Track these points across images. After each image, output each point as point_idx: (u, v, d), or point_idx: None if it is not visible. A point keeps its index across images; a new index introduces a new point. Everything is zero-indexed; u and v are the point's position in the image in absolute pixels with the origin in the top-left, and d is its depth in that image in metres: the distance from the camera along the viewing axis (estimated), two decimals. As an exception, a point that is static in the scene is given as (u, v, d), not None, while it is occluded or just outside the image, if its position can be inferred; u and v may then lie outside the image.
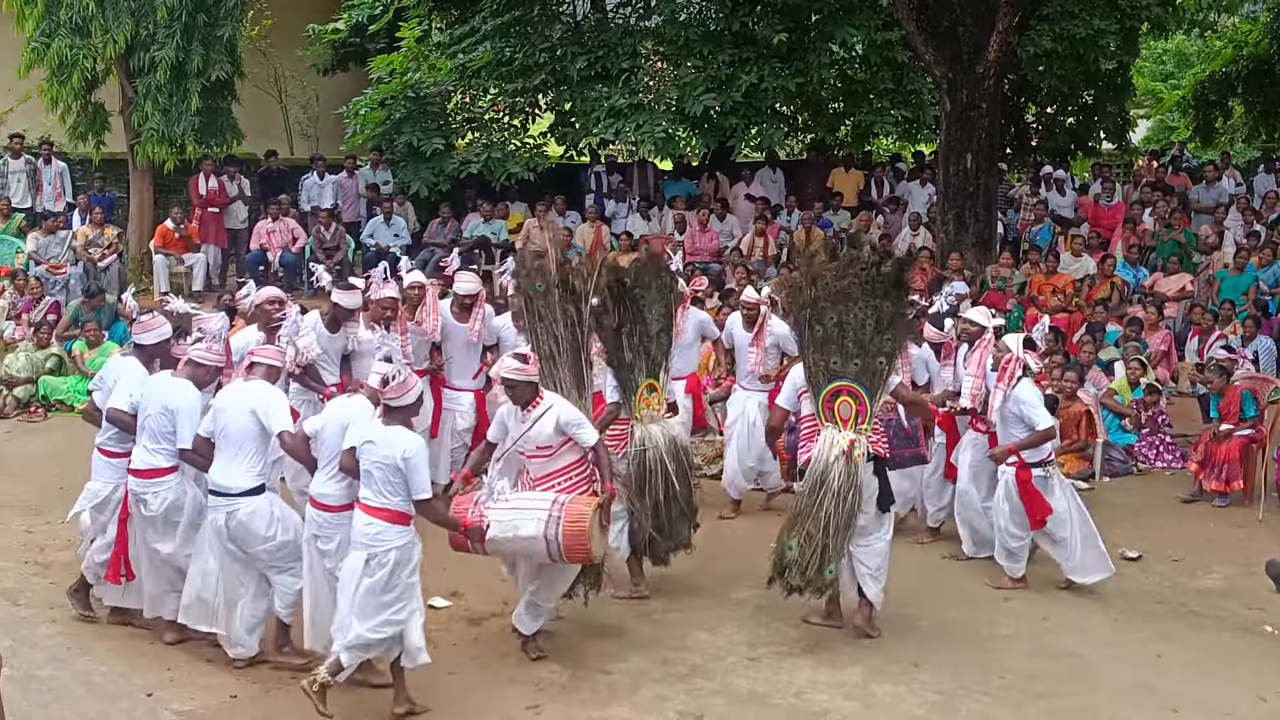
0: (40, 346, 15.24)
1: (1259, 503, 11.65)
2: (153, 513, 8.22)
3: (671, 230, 19.95)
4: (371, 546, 7.23)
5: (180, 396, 8.14)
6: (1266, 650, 8.70)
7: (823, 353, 8.50)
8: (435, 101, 20.61)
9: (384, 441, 7.27)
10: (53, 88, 18.34)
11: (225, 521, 7.93)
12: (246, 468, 7.94)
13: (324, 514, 7.67)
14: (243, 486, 7.92)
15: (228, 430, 7.93)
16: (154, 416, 8.17)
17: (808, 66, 20.03)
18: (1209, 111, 26.81)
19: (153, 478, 8.22)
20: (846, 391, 8.45)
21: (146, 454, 8.21)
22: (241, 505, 7.91)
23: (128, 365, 8.67)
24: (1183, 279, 17.02)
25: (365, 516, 7.28)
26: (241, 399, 7.99)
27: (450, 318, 11.05)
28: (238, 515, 7.90)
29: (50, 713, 7.48)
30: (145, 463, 8.22)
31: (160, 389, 8.25)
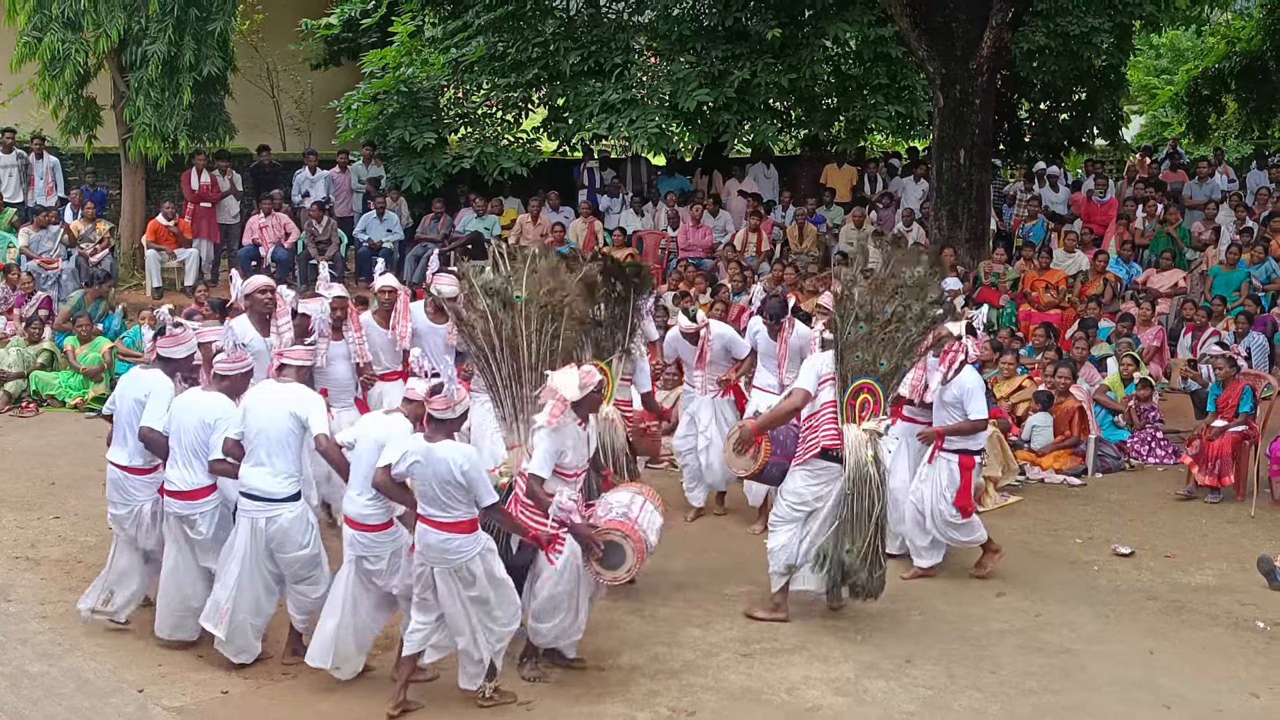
0: (32, 341, 15.23)
1: (1251, 499, 11.67)
2: (203, 535, 8.05)
3: (665, 226, 19.95)
4: (455, 560, 7.19)
5: (218, 410, 7.90)
6: (1259, 646, 8.70)
7: (864, 349, 8.61)
8: (428, 96, 20.59)
9: (433, 458, 7.16)
10: (45, 82, 18.26)
11: (265, 527, 7.72)
12: (287, 472, 7.74)
13: (368, 535, 7.55)
14: (285, 492, 7.71)
15: (265, 433, 7.69)
16: (191, 433, 7.92)
17: (801, 62, 20.02)
18: (1202, 108, 26.85)
19: (198, 499, 8.01)
20: (868, 389, 8.61)
21: (188, 473, 7.97)
22: (283, 511, 7.71)
23: (155, 381, 8.26)
24: (1175, 275, 17.03)
25: (439, 534, 7.19)
26: (278, 401, 7.76)
27: (424, 320, 10.62)
28: (279, 521, 7.70)
29: (41, 709, 7.47)
30: (188, 483, 7.98)
31: (195, 405, 7.99)
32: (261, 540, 7.75)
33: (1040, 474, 12.55)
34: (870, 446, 8.55)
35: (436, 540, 7.19)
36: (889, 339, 8.64)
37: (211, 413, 7.89)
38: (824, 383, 8.72)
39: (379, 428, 7.57)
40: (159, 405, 8.09)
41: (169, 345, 8.37)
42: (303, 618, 7.97)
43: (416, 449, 7.24)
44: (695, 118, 20.05)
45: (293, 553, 7.77)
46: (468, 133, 21.02)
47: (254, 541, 7.76)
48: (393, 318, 10.56)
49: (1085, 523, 11.30)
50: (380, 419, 7.72)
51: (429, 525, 7.21)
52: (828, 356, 8.79)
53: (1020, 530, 11.10)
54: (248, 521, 7.76)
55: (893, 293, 8.70)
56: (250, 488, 7.72)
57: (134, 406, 8.20)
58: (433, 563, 7.24)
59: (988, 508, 11.52)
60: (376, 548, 7.55)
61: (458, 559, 7.20)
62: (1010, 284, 16.76)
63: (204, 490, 7.99)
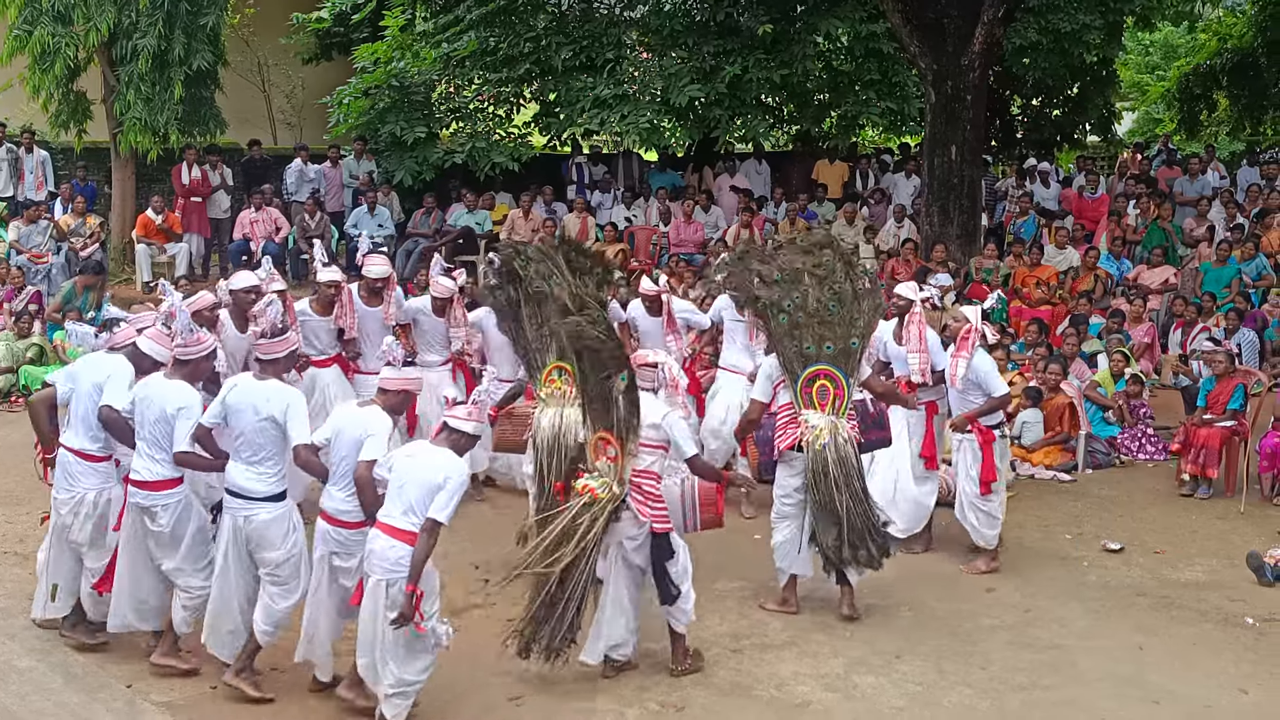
0: (21, 336, 15.17)
1: (1241, 495, 11.67)
2: (161, 528, 7.73)
3: (656, 221, 19.95)
4: (393, 571, 6.94)
5: (180, 398, 7.61)
6: (1248, 642, 8.71)
7: (794, 339, 8.72)
8: (419, 91, 20.56)
9: (425, 463, 7.03)
10: (34, 76, 18.24)
11: (243, 525, 7.50)
12: (270, 471, 7.50)
13: (343, 531, 7.34)
14: (265, 491, 7.48)
15: (246, 432, 7.45)
16: (154, 423, 7.63)
17: (793, 58, 20.04)
18: (1193, 105, 26.88)
19: (161, 490, 7.70)
20: (824, 375, 8.68)
21: (152, 464, 7.68)
22: (261, 510, 7.48)
23: (116, 363, 7.98)
24: (1166, 271, 17.06)
25: (388, 540, 6.97)
26: (261, 399, 7.48)
27: (360, 304, 10.64)
28: (255, 520, 7.48)
29: (29, 704, 7.46)
30: (151, 473, 7.68)
31: (158, 393, 7.66)
32: (241, 539, 7.55)
33: (1030, 470, 12.55)
34: (829, 433, 8.59)
35: (382, 547, 6.99)
36: (822, 323, 8.73)
37: (174, 402, 7.59)
38: (778, 385, 8.83)
39: (358, 422, 7.35)
40: (120, 385, 7.85)
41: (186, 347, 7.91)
42: (268, 629, 7.59)
43: (414, 449, 7.19)
44: (687, 113, 20.04)
45: (269, 553, 7.52)
46: (459, 127, 21.00)
47: (235, 539, 7.56)
48: (336, 310, 10.56)
49: (1075, 518, 11.31)
50: (357, 412, 7.46)
51: (381, 529, 7.03)
52: (774, 359, 8.90)
53: (1010, 526, 11.05)
54: (229, 518, 7.58)
55: (793, 281, 8.80)
56: (230, 484, 7.54)
57: (92, 390, 7.94)
58: (372, 569, 7.05)
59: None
60: (351, 545, 7.34)
61: (397, 574, 6.94)
62: (1001, 280, 16.77)
63: (169, 482, 7.71)
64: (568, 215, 19.78)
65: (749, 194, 20.59)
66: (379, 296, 10.73)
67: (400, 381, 7.53)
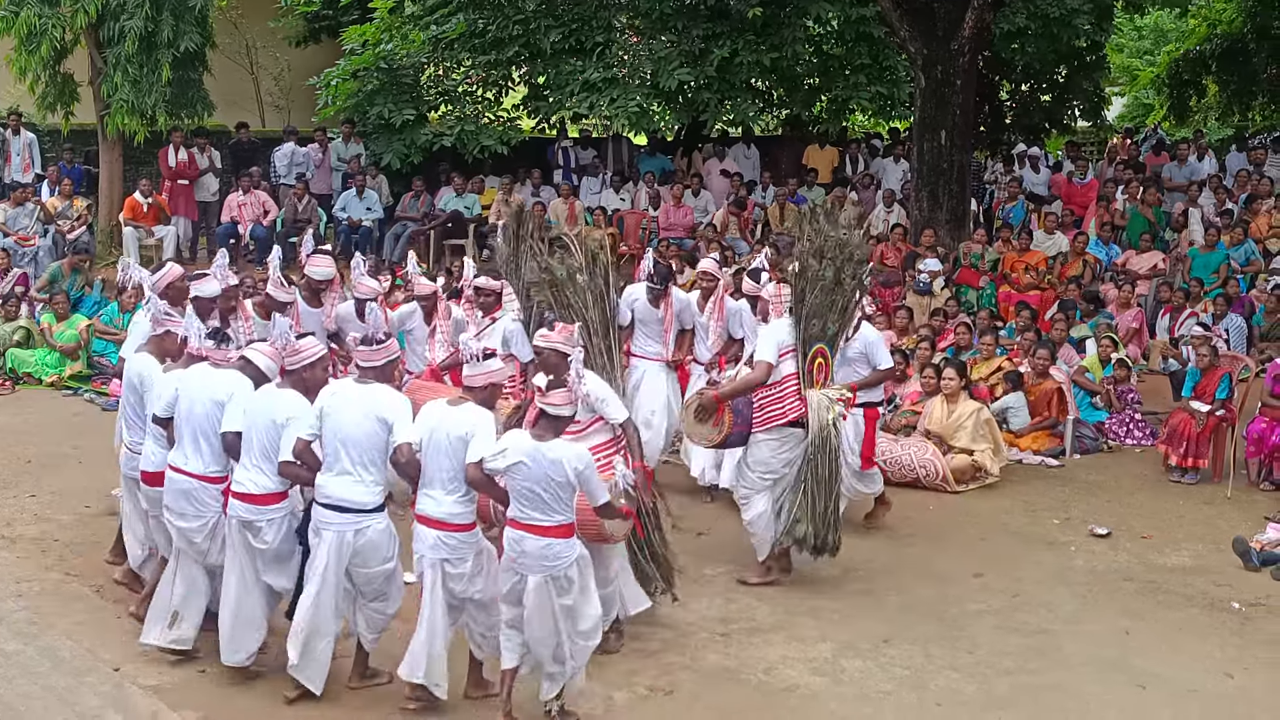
0: (8, 319, 15.13)
1: (1228, 480, 11.69)
2: (267, 544, 7.38)
3: (645, 206, 19.92)
4: (554, 567, 6.84)
5: (290, 408, 7.24)
6: (1234, 627, 8.74)
7: (819, 315, 8.85)
8: (408, 73, 20.50)
9: (542, 459, 6.78)
10: (21, 57, 18.15)
11: (353, 540, 7.09)
12: (375, 479, 7.12)
13: (455, 535, 7.02)
14: (373, 502, 7.12)
15: (352, 439, 7.05)
16: (262, 433, 7.28)
17: (782, 41, 20.01)
18: (1183, 90, 26.87)
19: (268, 504, 7.34)
20: (820, 354, 8.87)
21: (259, 476, 7.30)
22: (372, 523, 7.11)
23: (237, 382, 7.55)
24: (1155, 257, 17.07)
25: (540, 539, 6.81)
26: (365, 404, 7.10)
27: (302, 304, 10.27)
28: (368, 533, 7.10)
29: (15, 688, 7.44)
30: (258, 486, 7.30)
31: (267, 403, 7.33)
32: (346, 555, 7.14)
33: (1018, 455, 12.56)
34: (830, 410, 8.76)
35: (535, 546, 6.85)
36: (830, 303, 8.90)
37: (283, 411, 7.24)
38: (784, 355, 8.85)
39: (456, 420, 6.99)
40: (237, 409, 7.46)
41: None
42: (373, 636, 7.44)
43: (521, 447, 6.84)
44: (676, 97, 20.00)
45: (375, 567, 7.19)
46: (448, 110, 20.96)
47: (338, 556, 7.13)
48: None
49: (1063, 503, 11.33)
50: (453, 411, 7.05)
51: (526, 530, 6.84)
52: (785, 328, 8.91)
53: (998, 511, 11.13)
54: (333, 535, 7.11)
55: (828, 257, 8.91)
56: (336, 498, 7.09)
57: (212, 409, 7.50)
58: (529, 570, 6.88)
59: (970, 488, 11.59)
60: (462, 550, 7.05)
61: (556, 565, 6.86)
62: (990, 265, 16.78)
63: (275, 496, 7.35)
64: (554, 200, 19.74)
65: (738, 178, 20.56)
66: (319, 298, 10.36)
67: (485, 375, 7.15)
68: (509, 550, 6.93)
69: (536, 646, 6.97)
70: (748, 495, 9.00)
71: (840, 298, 8.93)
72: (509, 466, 6.82)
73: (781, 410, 8.81)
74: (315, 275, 10.32)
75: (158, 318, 8.21)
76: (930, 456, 11.53)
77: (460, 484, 6.99)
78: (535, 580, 6.85)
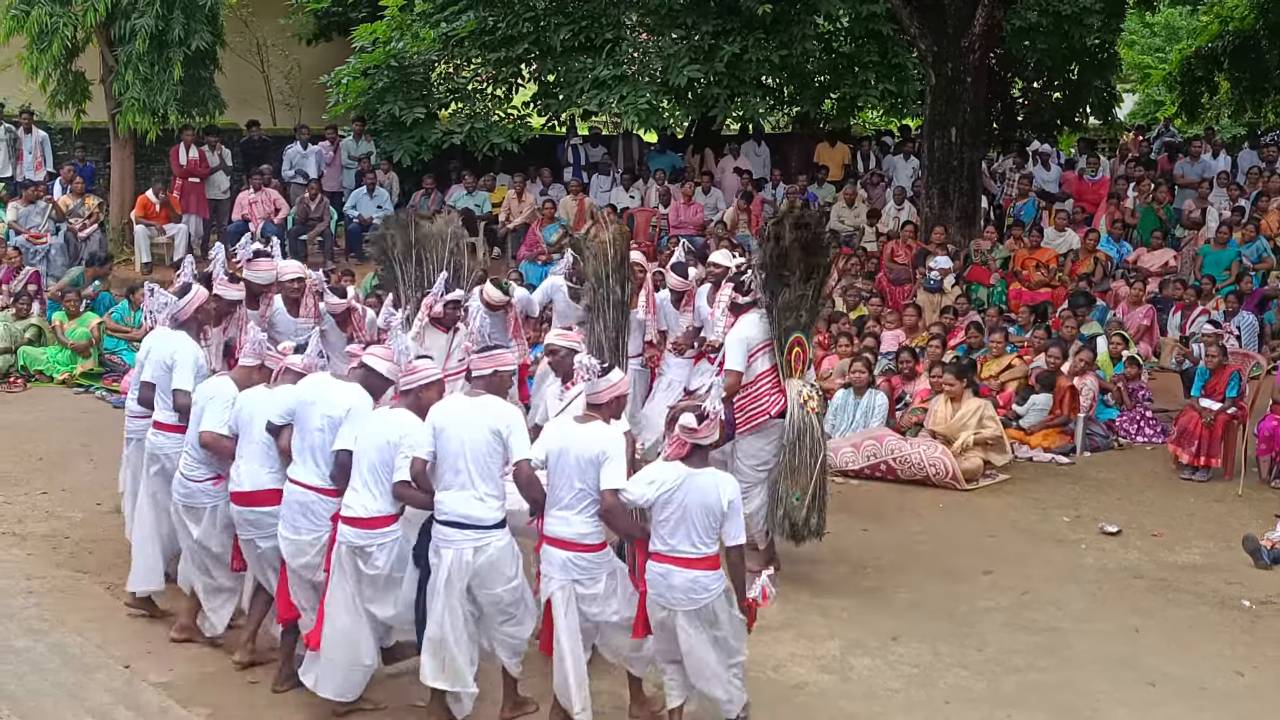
0: (20, 317, 15.17)
1: (1239, 478, 11.67)
2: (378, 570, 7.00)
3: (655, 203, 19.92)
4: (702, 600, 6.66)
5: (403, 427, 6.93)
6: (1244, 625, 8.72)
7: (790, 310, 8.95)
8: (418, 71, 20.49)
9: (697, 488, 6.60)
10: (32, 56, 18.17)
11: (473, 559, 6.77)
12: (494, 494, 6.83)
13: (586, 555, 6.78)
14: (495, 518, 6.82)
15: (470, 453, 6.76)
16: (374, 453, 6.94)
17: (792, 38, 19.97)
18: (1195, 87, 26.80)
19: (379, 527, 6.97)
20: (798, 343, 9.00)
21: (370, 499, 6.95)
22: (494, 539, 6.80)
23: (356, 395, 7.22)
24: (1166, 254, 17.04)
25: (688, 572, 6.62)
26: (480, 417, 6.82)
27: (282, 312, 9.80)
28: (488, 551, 6.79)
29: (26, 684, 7.45)
30: (368, 509, 6.95)
31: (379, 423, 7.01)
32: (466, 575, 6.81)
33: (1029, 452, 12.54)
34: (812, 397, 8.88)
35: (683, 580, 6.64)
36: (801, 296, 9.00)
37: (397, 430, 6.92)
38: (755, 354, 8.93)
39: (587, 440, 6.77)
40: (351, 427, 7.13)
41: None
42: (515, 660, 7.09)
43: (670, 476, 6.64)
44: (685, 93, 19.99)
45: (499, 588, 6.86)
46: (458, 108, 20.95)
47: (459, 576, 6.81)
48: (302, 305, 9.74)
49: (1073, 501, 11.31)
50: (584, 430, 6.83)
51: (674, 563, 6.64)
52: (752, 327, 8.98)
53: (1008, 508, 11.12)
54: (452, 553, 6.79)
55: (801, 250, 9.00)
56: (455, 514, 6.79)
57: (326, 423, 7.18)
58: (677, 605, 6.67)
59: (979, 486, 11.58)
60: (594, 569, 6.81)
61: (704, 599, 6.66)
62: (1000, 263, 16.75)
63: (387, 519, 7.01)
64: (564, 197, 19.75)
65: (748, 176, 20.55)
66: (257, 302, 9.82)
67: (609, 390, 6.94)
68: (653, 586, 6.71)
69: (703, 684, 6.80)
70: (745, 490, 8.99)
71: (810, 289, 9.06)
72: (661, 494, 6.62)
73: (762, 409, 8.92)
74: (255, 280, 9.54)
75: (256, 350, 7.77)
76: (940, 455, 11.52)
77: (591, 504, 6.75)
78: (685, 615, 6.65)
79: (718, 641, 6.73)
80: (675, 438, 6.79)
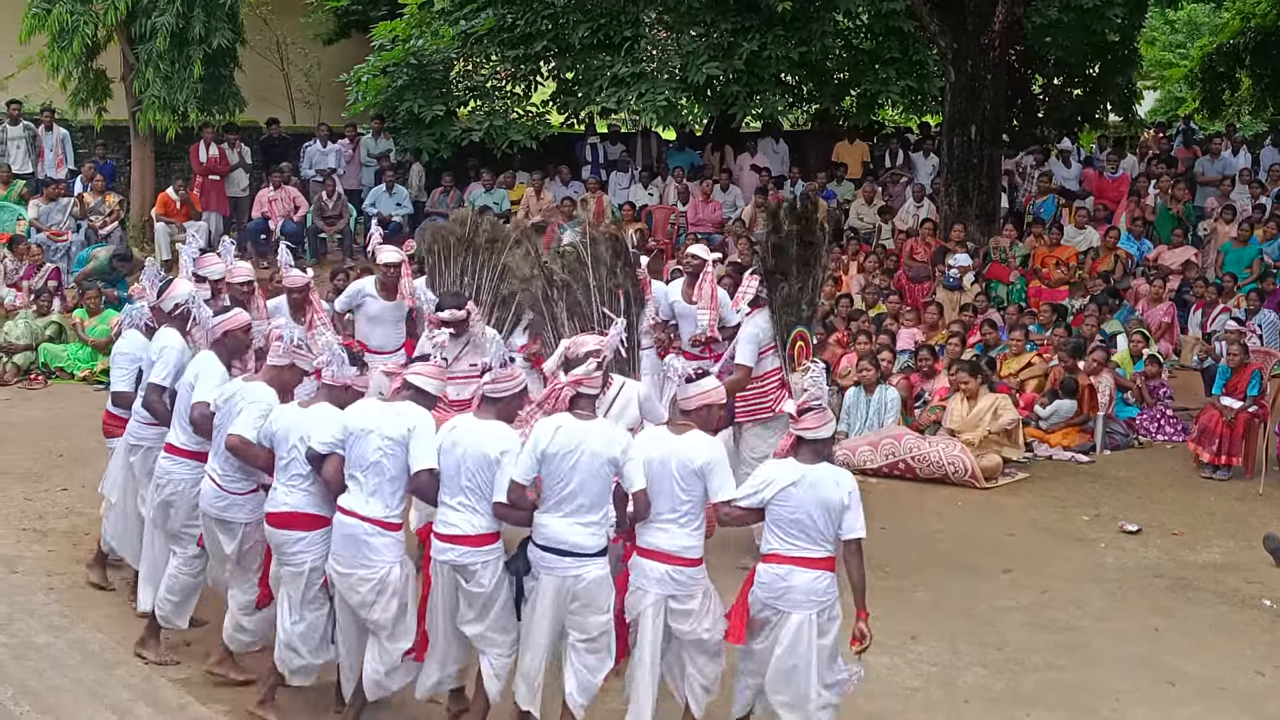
0: (40, 314, 15.24)
1: (1260, 476, 11.62)
2: (483, 588, 6.72)
3: (674, 201, 19.91)
4: (823, 603, 6.46)
5: (502, 441, 6.66)
6: (1265, 624, 8.69)
7: (790, 305, 9.05)
8: (437, 69, 20.55)
9: (812, 483, 6.40)
10: (53, 54, 18.26)
11: (571, 585, 6.55)
12: (600, 522, 6.61)
13: (685, 570, 6.54)
14: (598, 545, 6.60)
15: (582, 480, 6.51)
16: (473, 469, 6.66)
17: (811, 35, 19.95)
18: (1216, 84, 26.67)
19: (483, 545, 6.70)
20: (800, 336, 9.09)
21: (472, 516, 6.69)
22: (593, 566, 6.57)
23: (418, 415, 6.86)
24: (1187, 252, 16.96)
25: (810, 572, 6.43)
26: (593, 440, 6.54)
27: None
28: (587, 579, 6.55)
29: (46, 680, 7.48)
30: (472, 526, 6.68)
31: (473, 437, 6.70)
32: (565, 602, 6.60)
33: (1049, 451, 12.51)
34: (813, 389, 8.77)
35: (805, 580, 6.44)
36: (800, 289, 9.11)
37: (496, 445, 6.65)
38: (765, 352, 9.00)
39: (691, 450, 6.54)
40: (431, 441, 6.83)
41: (495, 386, 6.84)
42: (584, 701, 6.74)
43: (788, 474, 6.47)
44: (704, 91, 19.97)
45: (594, 617, 6.63)
46: (477, 105, 20.99)
47: (557, 604, 6.61)
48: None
49: (1093, 500, 11.28)
50: (687, 440, 6.58)
51: (794, 564, 6.45)
52: (763, 324, 9.05)
53: (1028, 507, 11.09)
54: (551, 581, 6.58)
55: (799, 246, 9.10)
56: (557, 540, 6.57)
57: (388, 446, 6.80)
58: (794, 606, 6.46)
59: (999, 484, 11.55)
60: (692, 585, 6.59)
61: (825, 601, 6.48)
62: (1020, 260, 16.69)
63: (491, 536, 6.73)
64: (583, 195, 19.75)
65: (767, 173, 20.52)
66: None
67: (699, 397, 6.71)
68: (767, 589, 6.48)
69: (775, 690, 6.53)
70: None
71: (809, 284, 9.15)
72: (775, 496, 6.44)
73: (766, 404, 8.99)
74: (211, 275, 9.45)
75: (287, 348, 7.39)
76: (959, 453, 11.49)
77: (692, 516, 6.56)
78: (799, 617, 6.43)
79: (822, 652, 6.49)
80: (788, 433, 6.67)
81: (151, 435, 8.13)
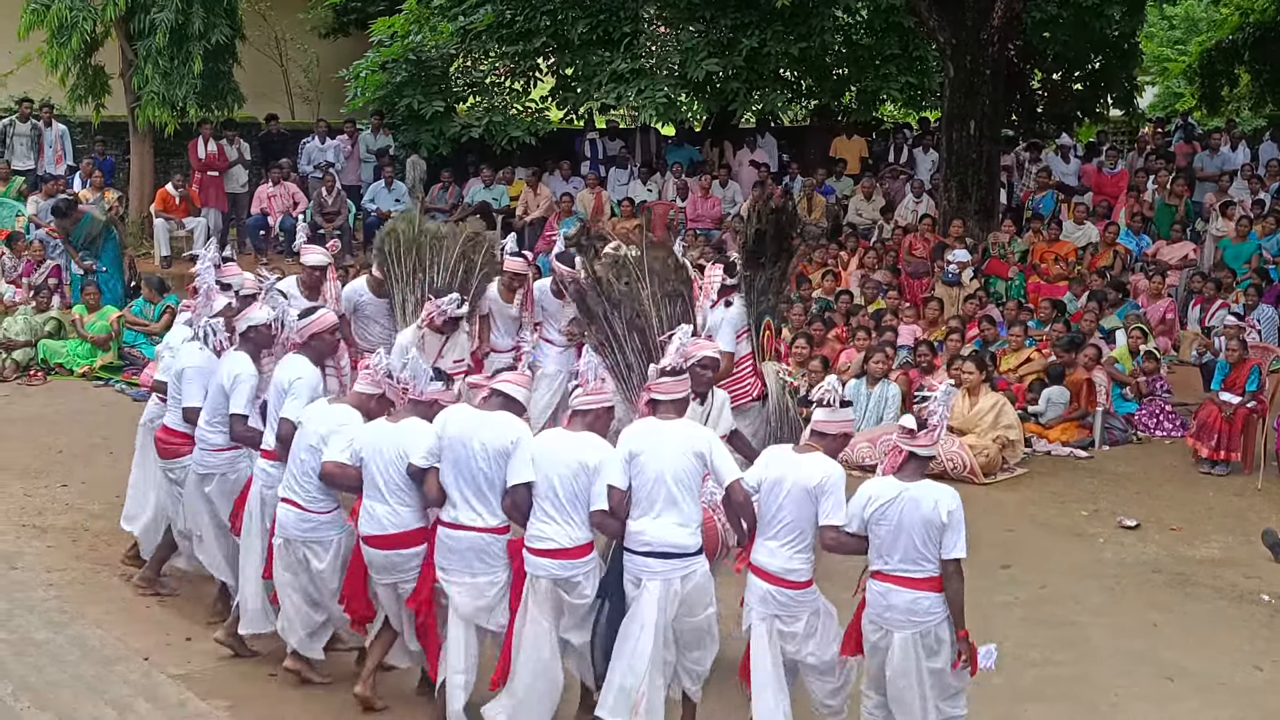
0: (40, 310, 15.23)
1: (1258, 472, 11.62)
2: (585, 599, 6.76)
3: (673, 196, 19.92)
4: (924, 624, 6.30)
5: (597, 453, 6.63)
6: (1263, 619, 8.70)
7: (763, 294, 9.19)
8: (436, 64, 20.53)
9: (913, 500, 6.24)
10: (52, 50, 18.26)
11: (681, 587, 6.52)
12: (696, 520, 6.61)
13: (788, 592, 6.50)
14: (695, 544, 6.57)
15: (672, 478, 6.51)
16: (569, 480, 6.61)
17: (811, 31, 19.96)
18: (1215, 80, 26.66)
19: (582, 556, 6.69)
20: (767, 325, 9.25)
21: (569, 528, 6.63)
22: (698, 566, 6.58)
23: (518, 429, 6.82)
24: (1185, 247, 16.97)
25: (909, 592, 6.28)
26: (681, 440, 6.58)
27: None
28: (694, 578, 6.56)
29: (46, 676, 7.50)
30: (571, 539, 6.63)
31: (567, 449, 6.67)
32: (674, 605, 6.56)
33: (1047, 446, 12.51)
34: (786, 380, 8.99)
35: (903, 600, 6.30)
36: (770, 279, 9.25)
37: (592, 455, 6.62)
38: (740, 337, 9.09)
39: (807, 470, 6.46)
40: (526, 456, 6.76)
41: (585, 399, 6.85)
42: (697, 687, 6.85)
43: (884, 491, 6.32)
44: (704, 87, 19.96)
45: (700, 615, 6.64)
46: (476, 101, 20.98)
47: (664, 607, 6.53)
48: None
49: (1091, 495, 11.28)
50: (803, 460, 6.51)
51: (894, 583, 6.32)
52: (740, 311, 9.10)
53: (1026, 502, 11.10)
54: (658, 586, 6.51)
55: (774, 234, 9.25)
56: (658, 543, 6.52)
57: (492, 454, 6.76)
58: (895, 626, 6.33)
59: (997, 480, 11.56)
60: (795, 607, 6.54)
61: (926, 622, 6.32)
62: (1019, 256, 16.70)
63: (587, 547, 6.73)
64: (582, 191, 19.76)
65: (765, 169, 20.53)
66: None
67: (839, 424, 6.61)
68: (872, 606, 6.40)
69: (896, 711, 6.42)
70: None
71: (778, 272, 9.32)
72: (874, 514, 6.31)
73: (743, 390, 8.99)
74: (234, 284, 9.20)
75: (377, 380, 7.29)
76: (957, 449, 11.49)
77: (801, 539, 6.49)
78: (901, 638, 6.30)
79: (934, 675, 6.33)
80: (894, 446, 6.52)
81: (221, 461, 8.03)
